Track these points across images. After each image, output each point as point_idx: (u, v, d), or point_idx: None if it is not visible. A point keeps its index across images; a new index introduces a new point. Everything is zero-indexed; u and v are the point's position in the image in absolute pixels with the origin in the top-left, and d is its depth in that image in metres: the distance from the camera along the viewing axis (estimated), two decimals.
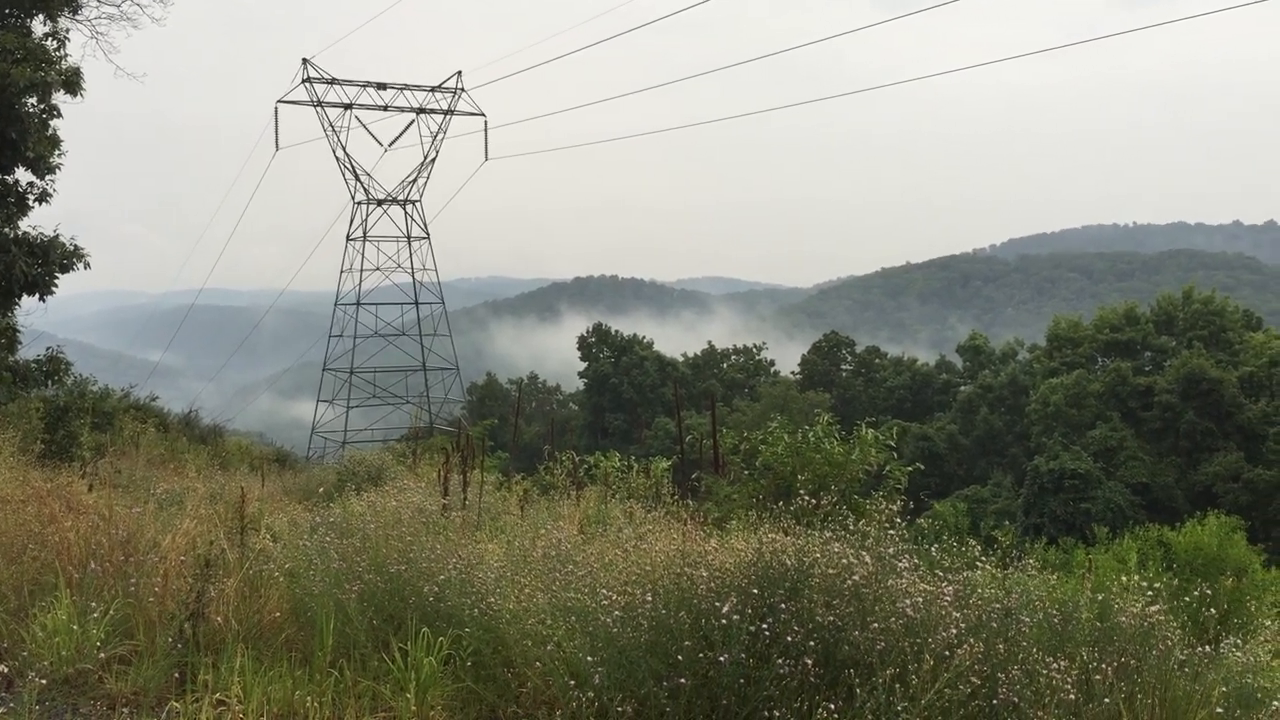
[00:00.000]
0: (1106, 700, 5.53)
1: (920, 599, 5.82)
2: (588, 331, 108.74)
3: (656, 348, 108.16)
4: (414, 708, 6.05)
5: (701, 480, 13.95)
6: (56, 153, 20.40)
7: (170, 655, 6.75)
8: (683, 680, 5.42)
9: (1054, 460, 62.36)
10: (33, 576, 7.92)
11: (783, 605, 5.71)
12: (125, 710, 6.25)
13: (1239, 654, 6.24)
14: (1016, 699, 5.32)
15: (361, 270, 69.66)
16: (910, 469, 13.64)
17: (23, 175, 20.34)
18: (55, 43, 20.56)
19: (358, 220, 70.76)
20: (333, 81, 66.83)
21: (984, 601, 6.14)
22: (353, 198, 70.81)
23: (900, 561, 6.32)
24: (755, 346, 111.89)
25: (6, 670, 6.50)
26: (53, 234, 20.39)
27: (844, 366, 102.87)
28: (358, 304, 69.23)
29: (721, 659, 5.42)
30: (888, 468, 13.34)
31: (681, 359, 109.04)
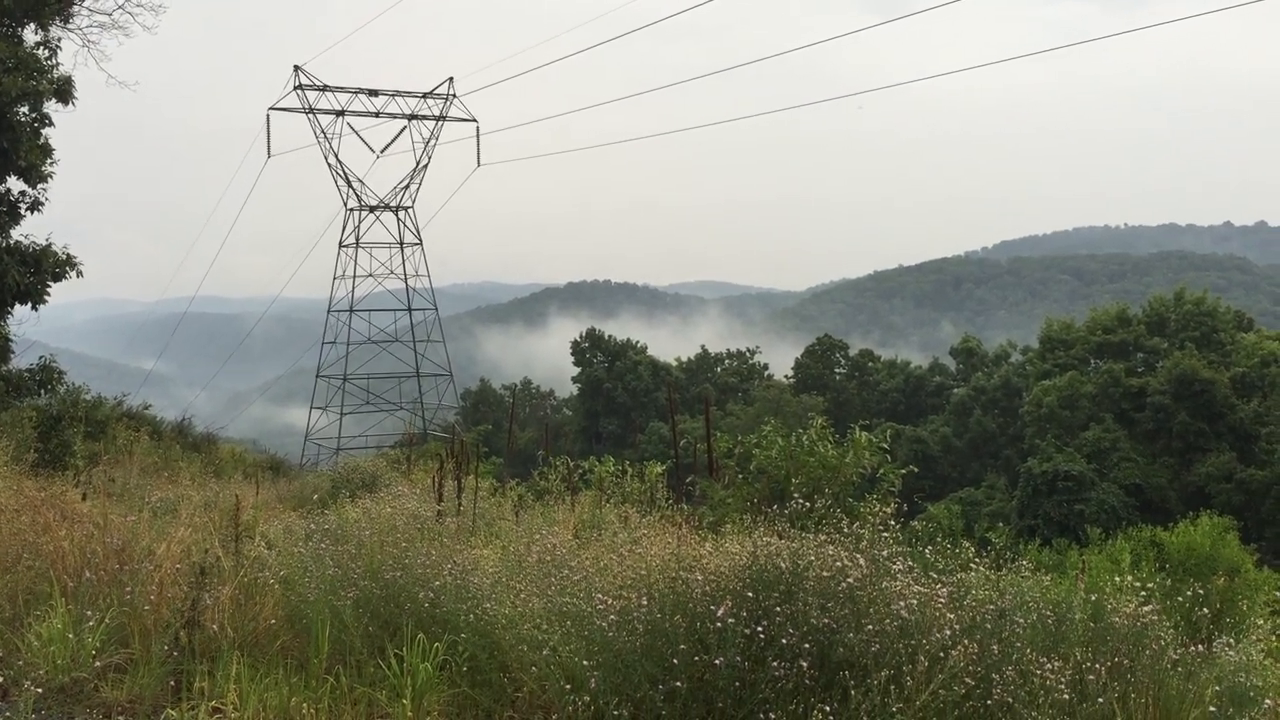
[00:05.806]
0: (1100, 700, 5.56)
1: (914, 601, 5.84)
2: (581, 336, 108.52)
3: (647, 352, 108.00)
4: (410, 713, 6.05)
5: (696, 484, 13.96)
6: (48, 161, 20.34)
7: (166, 663, 6.75)
8: (678, 684, 5.43)
9: (1047, 462, 62.47)
10: (28, 585, 7.92)
11: (777, 608, 5.73)
12: (121, 718, 6.26)
13: (1232, 653, 6.28)
14: (1011, 699, 5.35)
15: (354, 276, 69.59)
16: (904, 471, 13.68)
17: (14, 184, 20.30)
18: (47, 51, 20.53)
19: (350, 226, 70.71)
20: (324, 88, 66.75)
21: (978, 603, 6.18)
22: (345, 204, 70.75)
23: (894, 564, 6.35)
24: (749, 350, 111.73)
25: (2, 680, 6.50)
26: (45, 243, 20.35)
27: (837, 370, 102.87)
28: (350, 310, 69.16)
29: (717, 662, 5.44)
30: (881, 470, 13.38)
31: (675, 363, 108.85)
